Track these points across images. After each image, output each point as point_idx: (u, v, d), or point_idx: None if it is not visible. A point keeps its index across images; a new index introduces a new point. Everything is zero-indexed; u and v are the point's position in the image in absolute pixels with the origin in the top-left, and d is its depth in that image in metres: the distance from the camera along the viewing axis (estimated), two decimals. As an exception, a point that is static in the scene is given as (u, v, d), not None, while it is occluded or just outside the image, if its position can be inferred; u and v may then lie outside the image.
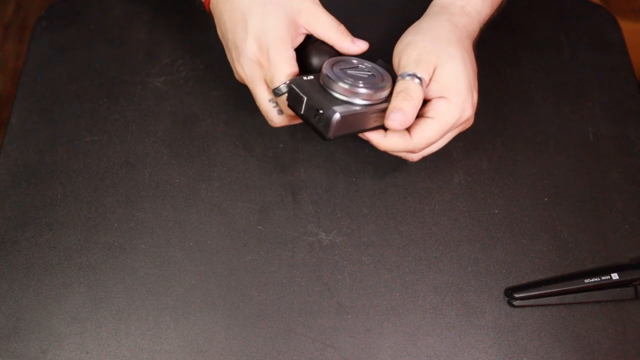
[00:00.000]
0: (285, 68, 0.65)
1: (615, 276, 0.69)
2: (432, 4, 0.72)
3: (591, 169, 0.77)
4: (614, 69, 0.85)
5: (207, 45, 0.83)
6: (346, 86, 0.62)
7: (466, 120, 0.67)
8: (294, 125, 0.78)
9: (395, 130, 0.65)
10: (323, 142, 0.66)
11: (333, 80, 0.62)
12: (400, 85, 0.64)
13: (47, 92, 0.80)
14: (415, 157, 0.69)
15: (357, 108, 0.62)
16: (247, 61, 0.67)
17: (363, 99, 0.62)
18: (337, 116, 0.60)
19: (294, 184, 0.74)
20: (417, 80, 0.63)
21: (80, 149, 0.76)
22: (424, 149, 0.67)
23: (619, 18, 0.90)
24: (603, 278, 0.69)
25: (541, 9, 0.89)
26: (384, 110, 0.63)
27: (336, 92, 0.62)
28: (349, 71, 0.64)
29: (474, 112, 0.67)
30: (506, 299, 0.69)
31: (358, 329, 0.67)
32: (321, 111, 0.61)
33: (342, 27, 0.67)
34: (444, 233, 0.72)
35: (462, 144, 0.77)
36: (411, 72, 0.63)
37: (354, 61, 0.66)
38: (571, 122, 0.80)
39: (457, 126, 0.67)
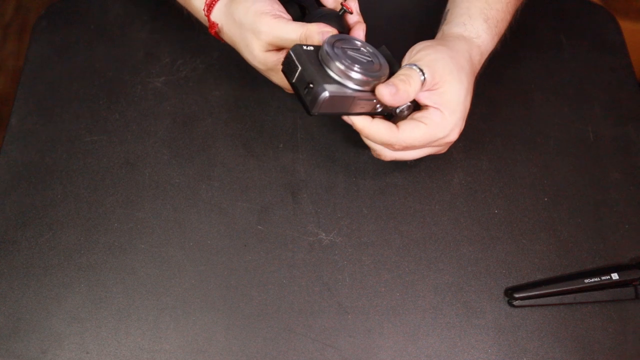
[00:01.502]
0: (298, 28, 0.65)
1: (615, 276, 0.69)
2: (451, 30, 0.73)
3: (591, 169, 0.77)
4: (614, 69, 0.85)
5: (207, 45, 0.83)
6: (342, 67, 0.61)
7: (447, 143, 0.69)
8: (294, 125, 0.78)
9: (381, 118, 0.66)
10: (319, 129, 0.66)
11: (331, 58, 0.61)
12: (405, 70, 0.65)
13: (47, 92, 0.80)
14: (388, 155, 0.69)
15: (348, 91, 0.61)
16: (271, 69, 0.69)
17: (356, 84, 0.62)
18: (325, 94, 0.60)
19: (294, 184, 0.74)
20: (422, 77, 0.65)
21: (80, 149, 0.76)
22: (404, 148, 0.67)
23: (619, 18, 0.90)
24: (603, 278, 0.69)
25: (541, 9, 0.89)
26: (373, 100, 0.63)
27: (331, 71, 0.62)
28: (350, 52, 0.63)
29: (456, 140, 0.69)
30: (506, 299, 0.69)
31: (358, 329, 0.67)
32: (312, 85, 0.60)
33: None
34: (444, 233, 0.72)
35: (462, 144, 0.77)
36: (421, 68, 0.65)
37: (357, 43, 0.65)
38: (571, 122, 0.80)
39: (439, 144, 0.68)
